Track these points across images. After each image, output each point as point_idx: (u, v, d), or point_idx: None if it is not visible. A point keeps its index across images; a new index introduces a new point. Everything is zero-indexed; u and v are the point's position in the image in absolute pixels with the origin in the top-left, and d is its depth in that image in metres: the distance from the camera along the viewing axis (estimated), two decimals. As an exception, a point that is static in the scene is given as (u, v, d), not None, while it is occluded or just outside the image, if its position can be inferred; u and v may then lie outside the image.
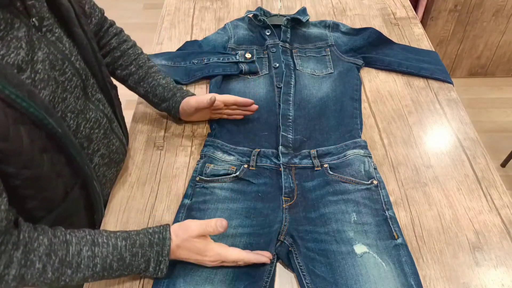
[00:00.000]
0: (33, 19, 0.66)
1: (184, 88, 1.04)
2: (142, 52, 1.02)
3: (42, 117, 0.62)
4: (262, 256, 0.76)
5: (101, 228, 0.86)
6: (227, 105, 1.00)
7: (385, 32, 1.31)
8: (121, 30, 1.01)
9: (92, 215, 0.84)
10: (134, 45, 1.01)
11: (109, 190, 0.92)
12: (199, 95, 1.01)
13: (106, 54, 0.97)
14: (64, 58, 0.71)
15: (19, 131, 0.59)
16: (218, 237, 0.82)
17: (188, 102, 0.97)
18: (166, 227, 0.74)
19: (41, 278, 0.63)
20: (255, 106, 1.00)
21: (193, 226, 0.74)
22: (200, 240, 0.74)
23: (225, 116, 1.03)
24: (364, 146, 0.95)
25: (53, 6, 0.72)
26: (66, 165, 0.71)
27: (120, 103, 0.93)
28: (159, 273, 0.73)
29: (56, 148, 0.68)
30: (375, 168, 0.92)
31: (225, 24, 1.33)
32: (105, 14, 0.98)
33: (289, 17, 1.28)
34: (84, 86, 0.77)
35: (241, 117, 1.04)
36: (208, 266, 0.76)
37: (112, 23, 0.99)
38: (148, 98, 1.01)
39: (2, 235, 0.59)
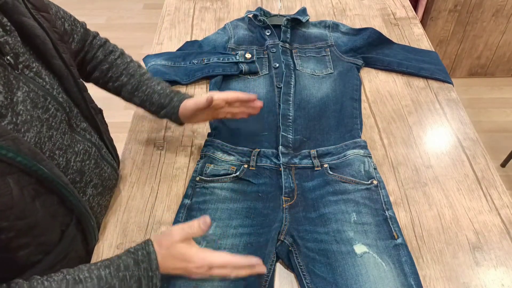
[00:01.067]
0: (8, 57, 0.62)
1: (183, 90, 1.00)
2: (131, 60, 0.96)
3: (30, 164, 0.59)
4: (252, 258, 0.69)
5: (101, 229, 0.86)
6: (229, 103, 0.92)
7: (385, 32, 1.31)
8: (106, 41, 0.96)
9: (88, 245, 0.81)
10: (122, 53, 0.96)
11: (103, 217, 0.88)
12: (198, 95, 0.98)
13: (94, 68, 0.93)
14: (46, 93, 0.68)
15: (8, 183, 0.56)
16: (219, 237, 0.82)
17: (186, 106, 0.91)
18: (147, 242, 0.69)
19: None
20: (259, 103, 0.93)
21: (175, 230, 0.69)
22: (184, 245, 0.69)
23: (229, 116, 0.95)
24: (364, 146, 0.96)
25: (27, 39, 0.68)
26: (60, 205, 0.68)
27: (106, 126, 0.90)
28: None
29: (48, 190, 0.64)
30: (375, 168, 0.92)
31: (225, 24, 1.33)
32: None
33: (289, 17, 1.28)
34: (68, 118, 0.73)
35: (246, 116, 0.96)
36: (195, 278, 0.70)
37: (95, 35, 0.95)
38: (145, 107, 0.94)
39: None
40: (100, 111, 0.88)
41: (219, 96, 0.90)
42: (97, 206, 0.83)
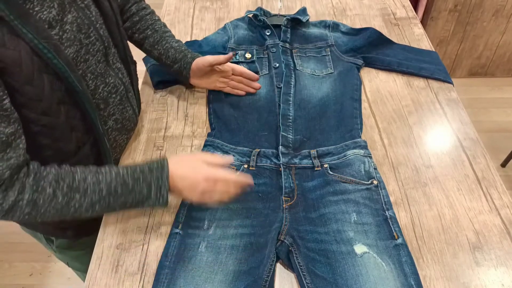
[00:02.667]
0: None
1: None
2: (159, 19, 1.09)
3: (64, 70, 0.69)
4: (247, 179, 0.80)
5: (102, 225, 0.86)
6: (234, 74, 1.07)
7: (385, 32, 1.31)
8: None
9: None
10: (152, 12, 1.08)
11: (118, 156, 0.97)
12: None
13: (126, 19, 1.04)
14: (90, 23, 0.77)
15: (43, 78, 0.67)
16: (219, 237, 0.82)
17: (205, 59, 1.03)
18: (163, 158, 0.78)
19: (52, 203, 0.69)
20: (258, 85, 1.07)
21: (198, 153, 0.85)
22: (199, 161, 0.79)
23: (228, 89, 1.09)
24: (364, 146, 0.95)
25: None
26: (81, 120, 0.77)
27: (137, 79, 0.99)
28: (161, 199, 0.75)
29: (73, 102, 0.74)
30: (375, 168, 0.92)
31: (225, 24, 1.33)
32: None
33: (289, 17, 1.28)
34: (106, 53, 0.83)
35: (243, 93, 1.09)
36: (199, 195, 0.77)
37: None
38: (161, 60, 1.06)
39: (17, 168, 0.66)
40: (134, 63, 0.97)
41: (229, 64, 1.06)
42: (113, 140, 0.91)
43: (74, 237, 0.99)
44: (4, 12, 0.61)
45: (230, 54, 1.01)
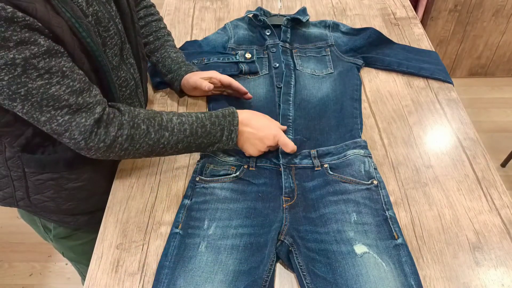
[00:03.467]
0: None
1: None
2: (164, 27, 1.11)
3: (95, 49, 0.74)
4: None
5: (102, 225, 0.86)
6: (223, 85, 1.06)
7: (385, 32, 1.31)
8: (152, 5, 1.11)
9: None
10: (159, 19, 1.11)
11: None
12: (200, 74, 1.06)
13: None
14: (110, 18, 0.81)
15: (81, 56, 0.73)
16: (219, 237, 0.82)
17: (188, 81, 1.04)
18: (233, 107, 0.90)
19: (146, 139, 0.79)
20: (249, 96, 1.08)
21: None
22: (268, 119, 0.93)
23: (225, 93, 1.11)
24: (364, 146, 0.95)
25: None
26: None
27: (147, 76, 1.03)
28: (230, 142, 0.88)
29: (98, 81, 0.79)
30: (375, 168, 0.92)
31: (225, 24, 1.33)
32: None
33: (289, 17, 1.28)
34: (121, 48, 0.87)
35: (247, 95, 1.10)
36: (255, 147, 0.90)
37: None
38: (158, 67, 1.10)
39: (104, 103, 0.75)
40: (146, 60, 1.02)
41: (216, 76, 1.05)
42: None
43: (85, 225, 1.02)
44: None
45: (210, 87, 1.01)
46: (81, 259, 1.13)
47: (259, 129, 0.89)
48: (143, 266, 0.80)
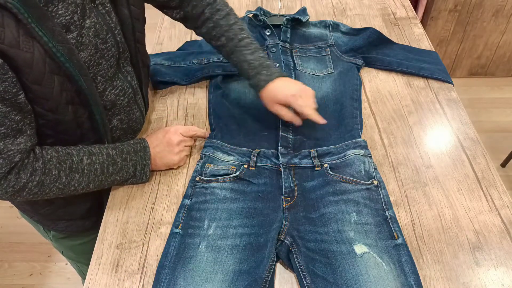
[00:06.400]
0: None
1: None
2: (235, 22, 0.99)
3: (75, 73, 0.72)
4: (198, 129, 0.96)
5: (102, 225, 0.86)
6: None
7: (385, 32, 1.31)
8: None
9: None
10: (228, 14, 1.00)
11: None
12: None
13: (202, 25, 1.01)
14: (109, 30, 0.80)
15: (53, 80, 0.70)
16: (219, 237, 0.82)
17: (272, 95, 0.95)
18: (143, 139, 0.92)
19: (56, 183, 0.77)
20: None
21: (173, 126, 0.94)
22: (169, 133, 0.93)
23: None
24: (364, 146, 0.95)
25: None
26: (88, 120, 0.81)
27: (148, 81, 1.01)
28: (144, 177, 0.90)
29: (82, 103, 0.78)
30: (375, 168, 0.92)
31: (225, 24, 1.33)
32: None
33: (289, 17, 1.28)
34: (118, 58, 0.85)
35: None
36: (176, 154, 0.92)
37: None
38: (237, 70, 1.01)
39: (26, 152, 0.73)
40: (147, 66, 1.00)
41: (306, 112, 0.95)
42: (117, 138, 0.93)
43: (64, 230, 1.02)
44: (22, 15, 0.62)
45: (298, 121, 0.96)
46: (81, 258, 1.13)
47: (161, 140, 0.92)
48: (143, 266, 0.80)
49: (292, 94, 0.93)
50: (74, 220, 0.99)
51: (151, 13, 1.07)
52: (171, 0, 1.00)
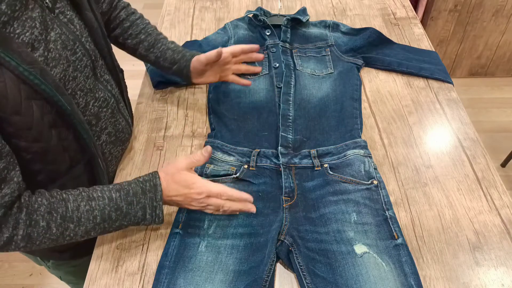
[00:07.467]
0: (46, 1, 0.69)
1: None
2: (149, 23, 1.05)
3: (53, 94, 0.65)
4: (244, 194, 0.79)
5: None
6: (235, 56, 1.03)
7: (385, 32, 1.31)
8: (129, 4, 1.05)
9: None
10: (142, 16, 1.05)
11: (114, 168, 0.95)
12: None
13: (116, 26, 1.01)
14: (75, 38, 0.74)
15: (31, 106, 0.64)
16: (219, 237, 0.82)
17: (198, 59, 0.99)
18: (155, 174, 0.78)
19: (47, 235, 0.68)
20: (260, 55, 1.05)
21: (180, 159, 0.79)
22: (187, 172, 0.78)
23: (230, 78, 1.06)
24: (364, 146, 0.95)
25: None
26: (74, 140, 0.75)
27: (126, 87, 0.97)
28: (156, 219, 0.77)
29: (65, 124, 0.71)
30: (375, 168, 0.92)
31: (225, 24, 1.33)
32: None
33: (289, 17, 1.28)
34: (93, 67, 0.80)
35: (249, 82, 1.06)
36: (193, 207, 0.79)
37: None
38: (159, 63, 1.02)
39: (11, 204, 0.64)
40: (122, 71, 0.95)
41: (226, 50, 1.01)
42: (108, 154, 0.88)
43: (72, 258, 0.96)
44: None
45: (220, 51, 0.95)
46: (82, 281, 1.04)
47: (177, 195, 0.78)
48: (143, 266, 0.80)
49: (218, 49, 0.96)
50: (81, 244, 0.88)
51: (151, 12, 1.07)
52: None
